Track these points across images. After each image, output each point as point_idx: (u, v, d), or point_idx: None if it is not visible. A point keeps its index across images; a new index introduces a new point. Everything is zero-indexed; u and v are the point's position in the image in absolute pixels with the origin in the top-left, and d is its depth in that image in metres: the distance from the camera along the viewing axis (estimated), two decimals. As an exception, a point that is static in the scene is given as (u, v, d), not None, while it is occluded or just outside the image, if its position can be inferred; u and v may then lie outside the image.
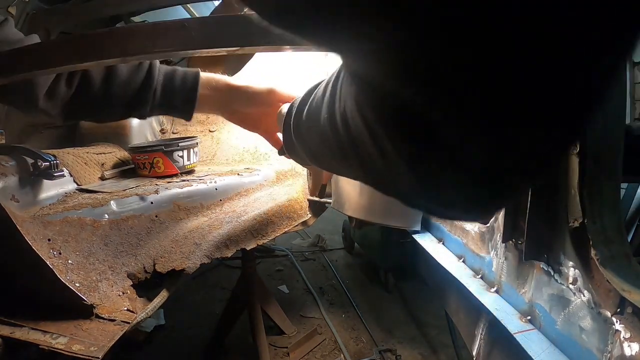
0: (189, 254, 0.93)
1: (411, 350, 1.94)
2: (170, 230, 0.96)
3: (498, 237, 0.74)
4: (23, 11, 1.65)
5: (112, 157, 1.24)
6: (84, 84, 0.73)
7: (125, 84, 0.74)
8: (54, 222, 0.79)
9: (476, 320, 0.80)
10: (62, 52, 0.51)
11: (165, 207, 0.98)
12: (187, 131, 1.59)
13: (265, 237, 1.12)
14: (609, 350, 0.50)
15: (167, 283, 0.89)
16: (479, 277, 0.83)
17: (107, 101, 0.74)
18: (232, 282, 2.06)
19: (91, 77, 0.73)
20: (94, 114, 0.78)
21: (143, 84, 0.75)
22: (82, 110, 0.77)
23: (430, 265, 1.01)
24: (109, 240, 0.85)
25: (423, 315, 2.24)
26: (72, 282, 0.74)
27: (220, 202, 1.12)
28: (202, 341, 2.02)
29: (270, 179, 1.30)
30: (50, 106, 0.73)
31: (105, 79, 0.73)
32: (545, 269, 0.63)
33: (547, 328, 0.63)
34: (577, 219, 0.55)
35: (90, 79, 0.73)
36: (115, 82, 0.73)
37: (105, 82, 0.73)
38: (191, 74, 0.78)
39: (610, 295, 0.50)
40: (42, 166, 0.87)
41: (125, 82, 0.74)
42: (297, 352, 1.90)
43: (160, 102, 0.77)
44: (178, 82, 0.77)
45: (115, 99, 0.74)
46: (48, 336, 0.67)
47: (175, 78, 0.77)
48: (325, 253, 3.20)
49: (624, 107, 0.55)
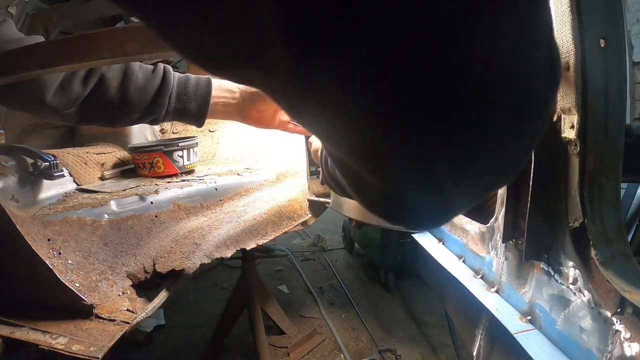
0: (189, 254, 0.93)
1: (411, 350, 1.94)
2: (170, 230, 0.96)
3: (498, 237, 0.74)
4: (23, 11, 1.65)
5: (112, 157, 1.24)
6: (100, 86, 0.72)
7: (141, 90, 0.74)
8: (54, 222, 0.79)
9: (476, 320, 0.80)
10: (62, 52, 0.51)
11: (165, 207, 0.98)
12: (187, 131, 1.59)
13: (265, 237, 1.12)
14: (609, 351, 0.50)
15: (167, 283, 0.89)
16: (479, 277, 0.83)
17: (123, 106, 0.74)
18: (232, 282, 2.06)
19: (107, 80, 0.72)
20: (109, 119, 0.77)
21: (159, 89, 0.75)
22: (98, 113, 0.76)
23: (430, 265, 1.01)
24: (108, 240, 0.85)
25: (423, 315, 2.24)
26: (72, 282, 0.74)
27: (220, 202, 1.12)
28: (202, 341, 2.02)
29: (270, 179, 1.30)
30: (60, 103, 0.71)
31: (121, 84, 0.73)
32: (546, 269, 0.63)
33: (547, 328, 0.62)
34: (577, 219, 0.55)
35: (107, 82, 0.72)
36: (131, 88, 0.73)
37: (121, 87, 0.72)
38: (204, 80, 0.78)
39: (611, 295, 0.50)
40: (42, 166, 0.87)
41: (141, 88, 0.74)
42: (297, 352, 1.90)
43: (175, 108, 0.77)
44: (192, 88, 0.77)
45: (132, 105, 0.74)
46: (48, 336, 0.67)
47: (189, 84, 0.77)
48: (325, 253, 3.20)
49: (624, 107, 0.55)
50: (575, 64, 0.53)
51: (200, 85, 0.78)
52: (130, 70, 0.72)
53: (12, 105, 0.79)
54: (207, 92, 0.78)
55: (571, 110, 0.55)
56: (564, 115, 0.57)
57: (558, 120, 0.58)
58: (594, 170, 0.54)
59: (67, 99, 0.70)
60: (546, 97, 0.18)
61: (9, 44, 0.65)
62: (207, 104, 0.78)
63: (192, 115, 0.79)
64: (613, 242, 0.53)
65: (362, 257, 3.00)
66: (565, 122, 0.56)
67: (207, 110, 0.78)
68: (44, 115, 0.74)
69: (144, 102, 0.74)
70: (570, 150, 0.56)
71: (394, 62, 0.15)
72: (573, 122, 0.55)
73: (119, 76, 0.72)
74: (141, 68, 0.74)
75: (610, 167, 0.54)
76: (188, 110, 0.78)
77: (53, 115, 0.72)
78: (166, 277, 0.89)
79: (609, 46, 0.53)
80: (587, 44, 0.52)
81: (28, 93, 0.69)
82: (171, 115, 0.78)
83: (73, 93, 0.70)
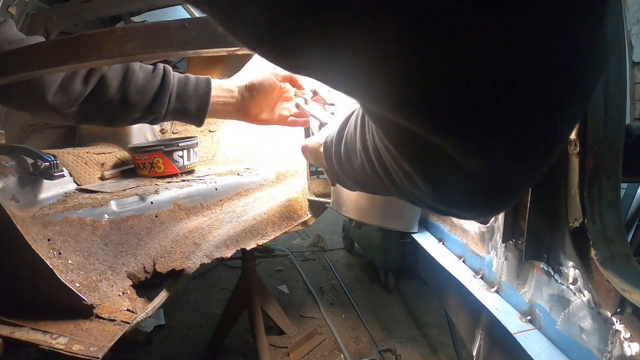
0: (189, 254, 0.93)
1: (411, 350, 1.94)
2: (170, 230, 0.96)
3: (498, 237, 0.74)
4: (23, 11, 1.65)
5: (112, 157, 1.24)
6: (101, 86, 0.72)
7: (142, 89, 0.74)
8: (54, 222, 0.79)
9: (476, 320, 0.80)
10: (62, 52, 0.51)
11: (165, 207, 0.98)
12: (187, 131, 1.59)
13: (265, 237, 1.12)
14: (609, 351, 0.50)
15: (167, 283, 0.89)
16: (479, 277, 0.83)
17: (124, 106, 0.74)
18: (232, 282, 2.06)
19: (108, 80, 0.72)
20: (110, 118, 0.77)
21: (159, 89, 0.75)
22: (98, 113, 0.76)
23: (430, 265, 1.01)
24: (109, 240, 0.85)
25: (423, 315, 2.24)
26: (72, 282, 0.74)
27: (220, 202, 1.12)
28: (202, 341, 2.02)
29: (270, 179, 1.30)
30: (61, 102, 0.71)
31: (122, 84, 0.73)
32: (545, 269, 0.63)
33: (547, 328, 0.62)
34: (577, 219, 0.55)
35: (107, 81, 0.72)
36: (132, 88, 0.73)
37: (121, 87, 0.73)
38: (203, 80, 0.79)
39: (611, 295, 0.50)
40: (42, 166, 0.87)
41: (142, 87, 0.74)
42: (297, 352, 1.90)
43: (175, 107, 0.78)
44: (191, 87, 0.78)
45: (132, 104, 0.74)
46: (48, 336, 0.67)
47: (189, 84, 0.78)
48: (325, 253, 3.20)
49: (624, 107, 0.55)
50: (575, 64, 0.53)
51: (200, 85, 0.78)
52: (130, 70, 0.73)
53: (12, 105, 0.79)
54: (207, 91, 0.78)
55: (571, 110, 0.55)
56: (564, 115, 0.57)
57: (558, 120, 0.58)
58: (594, 170, 0.54)
59: (67, 99, 0.71)
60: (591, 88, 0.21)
61: (9, 44, 0.65)
62: (207, 103, 0.78)
63: (192, 115, 0.79)
64: (613, 242, 0.53)
65: (362, 257, 3.00)
66: (565, 122, 0.56)
67: (206, 110, 0.79)
68: (45, 115, 0.74)
69: (144, 101, 0.75)
70: (570, 150, 0.56)
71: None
72: (573, 122, 0.55)
73: (120, 76, 0.73)
74: (141, 68, 0.74)
75: (610, 167, 0.54)
76: (188, 110, 0.78)
77: (54, 114, 0.72)
78: (166, 277, 0.89)
79: (609, 46, 0.53)
80: (587, 44, 0.52)
81: (28, 93, 0.69)
82: (171, 115, 0.78)
83: (74, 93, 0.71)
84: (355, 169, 0.43)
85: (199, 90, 0.78)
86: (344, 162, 0.46)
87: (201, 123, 0.81)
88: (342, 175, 0.49)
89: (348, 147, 0.43)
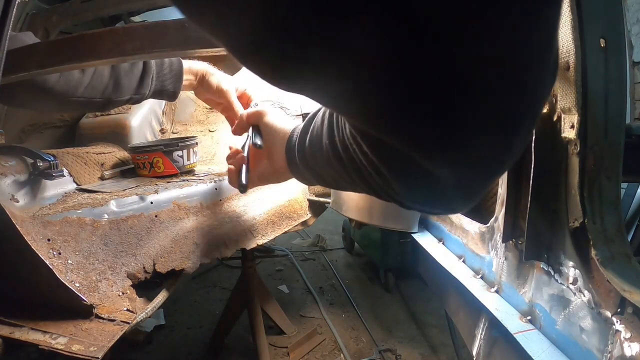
0: (188, 254, 0.93)
1: (411, 350, 1.94)
2: (170, 230, 0.96)
3: (498, 237, 0.74)
4: (22, 11, 1.65)
5: (111, 157, 1.24)
6: (96, 75, 0.84)
7: (129, 74, 0.87)
8: (54, 222, 0.79)
9: (476, 320, 0.80)
10: (62, 52, 0.51)
11: (165, 207, 0.98)
12: (187, 131, 1.59)
13: (265, 237, 1.12)
14: (609, 351, 0.50)
15: (167, 283, 0.89)
16: (479, 277, 0.83)
17: (117, 90, 0.87)
18: (232, 282, 2.06)
19: (100, 69, 0.84)
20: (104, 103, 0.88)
21: (143, 72, 0.89)
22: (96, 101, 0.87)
23: (430, 265, 1.00)
24: (108, 240, 0.85)
25: (423, 315, 2.24)
26: (72, 282, 0.74)
27: (220, 202, 1.12)
28: (202, 341, 2.02)
29: (270, 179, 1.29)
30: (63, 88, 0.81)
31: (112, 71, 0.86)
32: (546, 269, 0.63)
33: (547, 328, 0.62)
34: (577, 219, 0.55)
35: (100, 70, 0.84)
36: (122, 73, 0.86)
37: (113, 73, 0.86)
38: (175, 61, 0.92)
39: (611, 295, 0.50)
40: (41, 166, 0.87)
41: (129, 72, 0.87)
42: (297, 352, 1.90)
43: (155, 87, 0.91)
44: (167, 68, 0.92)
45: (124, 88, 0.87)
46: (48, 336, 0.67)
47: (164, 65, 0.92)
48: (325, 253, 3.20)
49: (624, 107, 0.55)
50: (575, 63, 0.53)
51: (174, 66, 0.92)
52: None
53: (15, 104, 0.86)
54: (180, 70, 0.92)
55: (571, 110, 0.55)
56: (564, 115, 0.57)
57: (558, 120, 0.58)
58: (594, 170, 0.54)
59: (67, 86, 0.81)
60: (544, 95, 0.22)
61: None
62: (181, 81, 0.92)
63: (169, 93, 0.93)
64: (613, 242, 0.53)
65: (362, 257, 3.00)
66: (565, 121, 0.56)
67: (180, 87, 0.94)
68: (48, 103, 0.86)
69: (133, 83, 0.89)
70: (570, 150, 0.56)
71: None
72: (573, 122, 0.55)
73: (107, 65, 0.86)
74: None
75: (610, 167, 0.54)
76: (165, 88, 0.93)
77: (56, 102, 0.83)
78: (166, 277, 0.89)
79: (609, 46, 0.53)
80: (587, 44, 0.52)
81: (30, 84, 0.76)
82: (152, 94, 0.93)
83: (73, 80, 0.81)
84: (316, 160, 0.44)
85: (173, 69, 0.93)
86: (307, 152, 0.47)
87: (175, 99, 0.96)
88: (301, 165, 0.50)
89: (313, 139, 0.44)
